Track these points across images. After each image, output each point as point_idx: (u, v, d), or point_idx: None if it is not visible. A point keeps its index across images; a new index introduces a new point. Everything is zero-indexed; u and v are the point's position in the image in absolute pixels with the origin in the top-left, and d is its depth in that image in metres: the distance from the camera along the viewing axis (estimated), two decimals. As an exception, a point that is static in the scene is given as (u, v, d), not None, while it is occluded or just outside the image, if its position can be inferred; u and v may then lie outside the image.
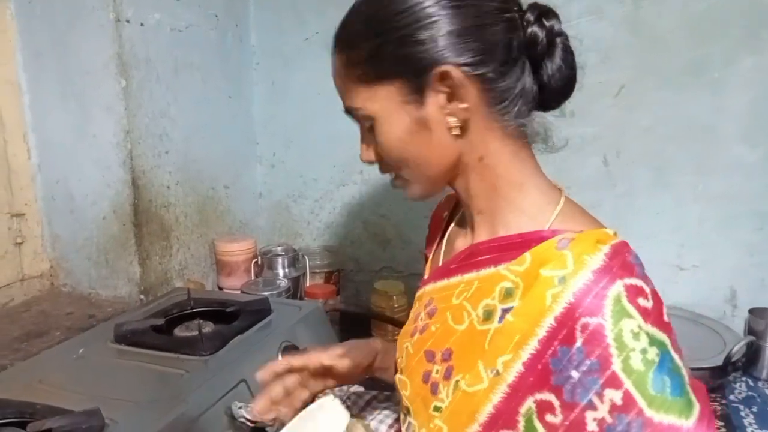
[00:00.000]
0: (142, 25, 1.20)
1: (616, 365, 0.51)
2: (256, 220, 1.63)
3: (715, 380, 1.09)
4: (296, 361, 0.79)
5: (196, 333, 0.99)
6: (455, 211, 0.80)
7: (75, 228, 1.28)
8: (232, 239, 1.45)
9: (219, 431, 0.81)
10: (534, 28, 0.60)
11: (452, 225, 0.79)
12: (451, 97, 0.60)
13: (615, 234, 0.57)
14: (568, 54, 0.62)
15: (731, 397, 1.09)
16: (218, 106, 1.46)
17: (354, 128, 0.69)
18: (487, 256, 0.64)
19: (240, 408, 0.82)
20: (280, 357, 0.98)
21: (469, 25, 0.59)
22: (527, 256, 0.58)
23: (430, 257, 0.82)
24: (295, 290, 1.40)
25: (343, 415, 0.74)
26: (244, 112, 1.56)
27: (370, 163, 0.69)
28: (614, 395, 0.50)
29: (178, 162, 1.33)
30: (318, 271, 1.48)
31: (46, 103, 1.24)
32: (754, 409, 1.06)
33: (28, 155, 1.27)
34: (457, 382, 0.61)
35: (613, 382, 0.50)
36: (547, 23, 0.61)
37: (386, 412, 0.91)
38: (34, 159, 1.28)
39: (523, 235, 0.62)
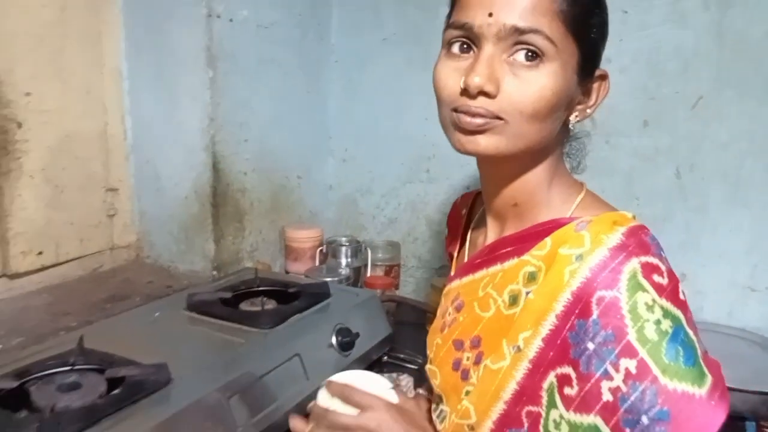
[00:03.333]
0: (231, 20, 1.29)
1: (631, 335, 0.52)
2: (324, 211, 1.70)
3: (780, 407, 1.04)
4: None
5: (259, 308, 1.06)
6: (473, 210, 0.83)
7: (160, 205, 1.39)
8: (301, 227, 1.52)
9: (271, 398, 0.87)
10: None
11: (472, 224, 0.81)
12: (590, 97, 0.66)
13: (634, 217, 0.59)
14: None
15: (798, 427, 1.04)
16: (296, 100, 1.53)
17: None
18: (510, 248, 0.66)
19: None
20: (333, 339, 1.03)
21: None
22: (548, 240, 0.61)
23: (455, 255, 0.84)
24: (356, 279, 1.45)
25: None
26: (320, 107, 1.63)
27: (479, 91, 0.58)
28: (629, 364, 0.52)
29: (256, 150, 1.42)
30: (379, 264, 1.52)
31: (142, 89, 1.36)
32: (822, 442, 1.00)
33: (124, 136, 1.40)
34: (485, 365, 0.63)
35: (628, 351, 0.52)
36: None
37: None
38: (129, 140, 1.40)
39: (543, 224, 0.64)
